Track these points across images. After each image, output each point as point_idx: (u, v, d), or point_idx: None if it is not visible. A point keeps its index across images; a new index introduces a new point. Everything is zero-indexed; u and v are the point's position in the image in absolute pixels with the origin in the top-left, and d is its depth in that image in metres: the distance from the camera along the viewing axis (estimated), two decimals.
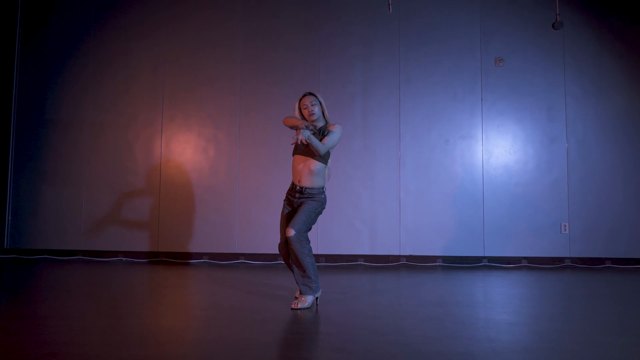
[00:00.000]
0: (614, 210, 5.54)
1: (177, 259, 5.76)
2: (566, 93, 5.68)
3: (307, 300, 3.11)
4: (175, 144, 5.92)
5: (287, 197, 3.27)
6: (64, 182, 5.97)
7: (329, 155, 3.21)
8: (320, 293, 3.22)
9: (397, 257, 5.62)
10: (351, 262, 5.64)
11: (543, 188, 5.61)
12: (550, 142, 5.66)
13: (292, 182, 3.25)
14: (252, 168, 5.81)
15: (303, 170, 3.16)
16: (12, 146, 6.07)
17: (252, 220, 5.74)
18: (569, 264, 5.53)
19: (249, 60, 5.92)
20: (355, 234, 5.66)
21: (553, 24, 4.89)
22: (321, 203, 3.18)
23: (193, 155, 5.89)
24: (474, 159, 5.69)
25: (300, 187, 3.17)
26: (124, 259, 5.81)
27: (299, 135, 2.93)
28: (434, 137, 5.73)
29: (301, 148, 3.14)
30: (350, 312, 3.09)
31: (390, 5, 5.01)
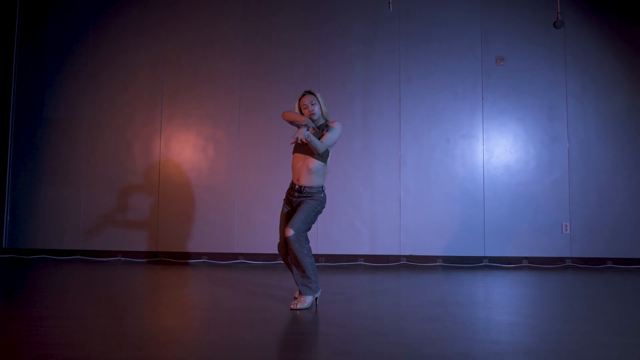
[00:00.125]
0: (615, 210, 5.52)
1: (176, 258, 5.74)
2: (567, 92, 5.65)
3: (306, 301, 3.08)
4: (174, 144, 5.90)
5: (286, 196, 3.25)
6: (63, 181, 5.95)
7: (328, 153, 3.19)
8: (319, 293, 3.20)
9: (397, 257, 5.60)
10: (351, 262, 5.62)
11: (544, 188, 5.59)
12: (551, 142, 5.63)
13: (292, 181, 3.23)
14: (252, 167, 5.78)
15: (302, 169, 3.14)
16: (10, 145, 6.05)
17: (252, 220, 5.72)
18: (570, 264, 5.50)
19: (249, 59, 5.90)
20: (355, 234, 5.64)
21: (554, 22, 4.87)
22: (320, 202, 3.16)
23: (192, 154, 5.87)
24: (475, 158, 5.67)
25: (299, 186, 3.15)
26: (123, 258, 5.79)
27: (299, 134, 2.92)
28: (435, 137, 5.70)
29: (300, 146, 3.13)
30: (350, 313, 3.07)
31: (390, 4, 4.99)
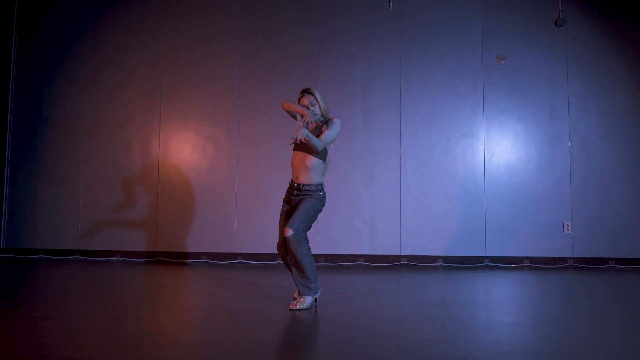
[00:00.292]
0: (617, 210, 5.50)
1: (175, 258, 5.71)
2: (569, 91, 5.63)
3: (305, 301, 3.06)
4: (173, 143, 5.87)
5: (286, 195, 3.23)
6: (61, 181, 5.92)
7: (326, 151, 3.17)
8: (319, 294, 3.17)
9: (397, 257, 5.57)
10: (351, 262, 5.59)
11: (545, 187, 5.56)
12: (553, 141, 5.60)
13: (291, 180, 3.20)
14: (252, 167, 5.76)
15: (300, 167, 3.12)
16: (8, 145, 6.02)
17: (251, 220, 5.69)
18: (572, 264, 5.48)
19: (249, 57, 5.87)
20: (355, 234, 5.61)
21: (556, 21, 4.85)
22: (320, 200, 3.13)
23: (191, 154, 5.84)
24: (476, 157, 5.64)
25: (298, 184, 3.13)
26: (122, 258, 5.76)
27: (298, 134, 2.89)
28: (435, 136, 5.67)
29: (299, 144, 3.12)
30: (350, 313, 3.04)
31: (390, 3, 4.97)
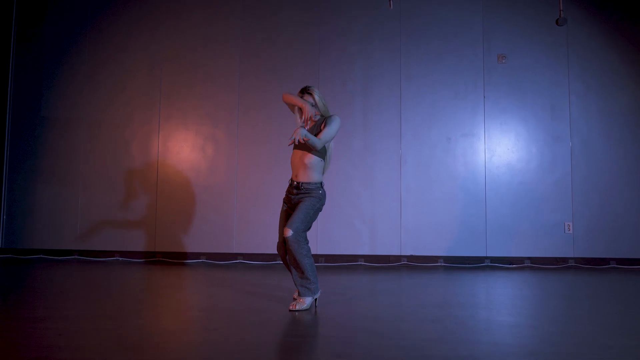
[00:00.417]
0: (618, 210, 5.47)
1: (174, 259, 5.68)
2: (570, 91, 5.60)
3: (305, 302, 3.03)
4: (172, 143, 5.85)
5: (286, 194, 3.21)
6: (60, 181, 5.90)
7: (325, 149, 3.15)
8: (319, 294, 3.15)
9: (397, 258, 5.55)
10: (351, 263, 5.56)
11: (546, 187, 5.54)
12: (554, 141, 5.58)
13: (291, 178, 3.19)
14: (251, 167, 5.73)
15: (299, 165, 3.11)
16: (7, 144, 5.99)
17: (251, 220, 5.67)
18: (573, 264, 5.45)
19: (248, 57, 5.84)
20: (355, 234, 5.59)
21: (557, 20, 4.83)
22: (319, 199, 3.10)
23: (191, 153, 5.82)
24: (476, 157, 5.61)
25: (297, 183, 3.11)
26: (121, 258, 5.74)
27: (296, 135, 2.87)
28: (436, 136, 5.65)
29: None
30: (350, 314, 3.02)
31: (391, 2, 4.95)
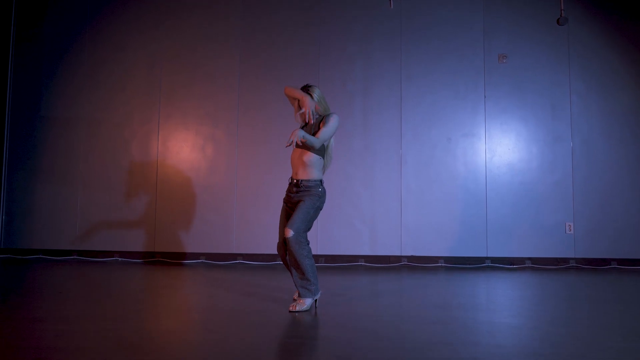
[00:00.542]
0: (619, 210, 5.45)
1: (173, 259, 5.66)
2: (571, 91, 5.58)
3: (305, 303, 3.02)
4: (172, 143, 5.82)
5: (286, 194, 3.20)
6: (59, 180, 5.88)
7: (324, 147, 3.13)
8: (319, 295, 3.13)
9: (398, 258, 5.53)
10: (351, 263, 5.54)
11: (547, 187, 5.52)
12: (554, 141, 5.56)
13: (291, 177, 3.18)
14: (251, 167, 5.71)
15: (299, 163, 3.11)
16: (6, 144, 5.97)
17: (251, 220, 5.64)
18: (574, 264, 5.43)
19: (248, 57, 5.82)
20: (355, 234, 5.57)
21: (557, 19, 4.81)
22: (319, 197, 3.09)
23: (190, 153, 5.80)
24: (477, 157, 5.59)
25: (297, 181, 3.11)
26: (120, 259, 5.72)
27: (293, 137, 2.84)
28: (436, 136, 5.63)
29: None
30: (351, 315, 3.00)
31: (391, 1, 4.92)
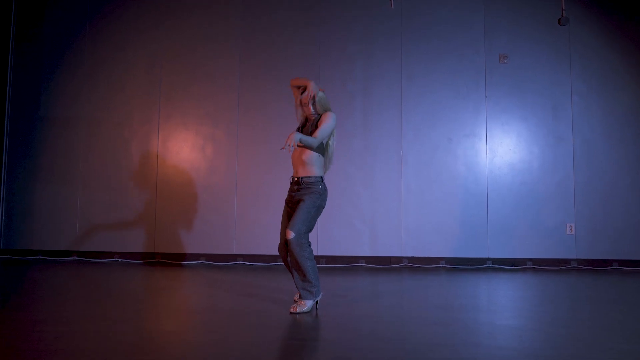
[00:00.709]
0: (621, 211, 5.43)
1: (173, 260, 5.64)
2: (572, 91, 5.57)
3: (306, 305, 3.00)
4: (172, 143, 5.81)
5: (288, 194, 3.18)
6: (59, 181, 5.86)
7: (323, 145, 3.12)
8: (320, 297, 3.11)
9: (398, 259, 5.51)
10: (352, 264, 5.52)
11: (548, 188, 5.50)
12: (556, 141, 5.54)
13: (292, 176, 3.18)
14: (251, 167, 5.69)
15: (298, 161, 3.11)
16: (5, 144, 5.95)
17: (251, 221, 5.63)
18: (575, 265, 5.41)
19: (248, 57, 5.81)
20: (355, 235, 5.55)
21: (559, 19, 4.79)
22: (320, 195, 3.07)
23: (190, 153, 5.78)
24: (478, 158, 5.58)
25: (298, 178, 3.11)
26: (120, 259, 5.70)
27: (290, 140, 2.82)
28: (437, 136, 5.61)
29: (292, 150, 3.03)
30: (352, 316, 2.98)
31: (392, 1, 4.91)
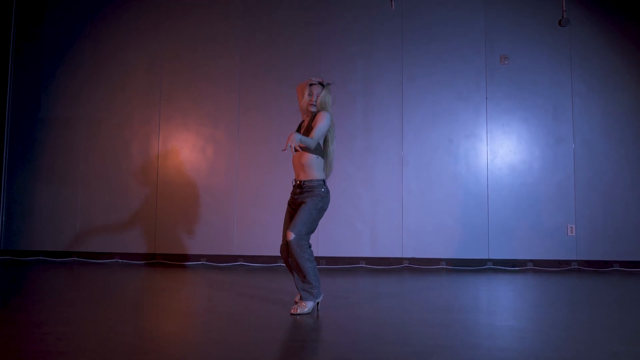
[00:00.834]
0: (621, 212, 5.43)
1: (174, 260, 5.64)
2: (572, 92, 5.56)
3: (307, 306, 2.99)
4: (172, 143, 5.80)
5: (290, 196, 3.18)
6: (59, 181, 5.86)
7: (320, 147, 3.11)
8: (321, 298, 3.10)
9: (399, 260, 5.50)
10: (352, 265, 5.52)
11: (548, 189, 5.49)
12: (556, 142, 5.54)
13: (294, 179, 3.18)
14: (252, 167, 5.69)
15: (298, 165, 3.11)
16: (6, 145, 5.95)
17: (252, 221, 5.62)
18: (576, 266, 5.40)
19: (248, 57, 5.80)
20: (356, 236, 5.54)
21: (559, 20, 4.79)
22: (322, 197, 3.06)
23: (191, 154, 5.78)
24: (479, 159, 5.57)
25: (299, 182, 3.10)
26: (120, 260, 5.70)
27: (290, 141, 2.80)
28: (438, 137, 5.61)
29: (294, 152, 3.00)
30: (352, 318, 2.98)
31: (392, 2, 4.90)
